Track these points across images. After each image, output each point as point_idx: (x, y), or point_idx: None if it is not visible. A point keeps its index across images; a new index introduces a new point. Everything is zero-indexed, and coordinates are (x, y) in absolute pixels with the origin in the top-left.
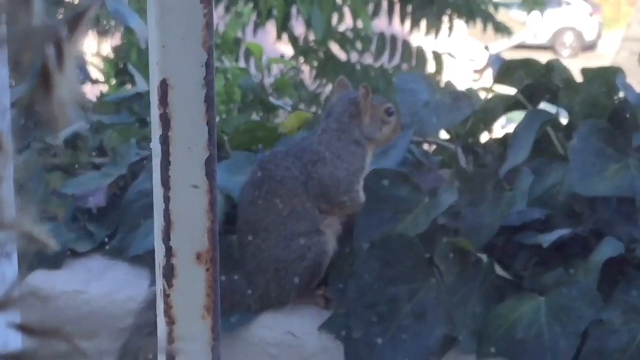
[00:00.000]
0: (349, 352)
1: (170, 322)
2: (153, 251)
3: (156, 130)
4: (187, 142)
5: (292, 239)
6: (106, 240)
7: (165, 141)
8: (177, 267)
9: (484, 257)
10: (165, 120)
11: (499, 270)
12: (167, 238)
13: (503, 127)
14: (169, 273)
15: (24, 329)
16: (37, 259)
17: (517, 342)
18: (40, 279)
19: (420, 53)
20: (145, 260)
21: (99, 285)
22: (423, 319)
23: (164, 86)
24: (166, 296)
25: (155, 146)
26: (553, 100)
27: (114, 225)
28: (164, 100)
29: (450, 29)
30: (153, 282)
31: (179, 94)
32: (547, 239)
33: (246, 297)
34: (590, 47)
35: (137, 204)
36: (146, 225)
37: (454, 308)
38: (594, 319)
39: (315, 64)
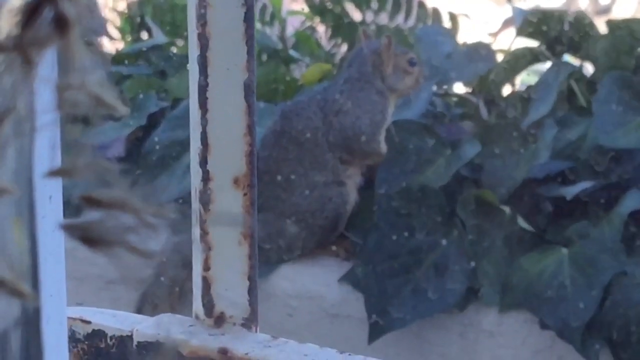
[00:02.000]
0: (369, 303)
1: (206, 248)
2: (172, 201)
3: (193, 51)
4: (226, 63)
5: (312, 189)
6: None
7: (203, 62)
8: (214, 191)
9: (507, 209)
10: (204, 40)
11: (521, 222)
12: (203, 162)
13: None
14: (206, 198)
15: (90, 200)
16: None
17: (539, 294)
18: None
19: (436, 14)
20: None
21: None
22: (444, 271)
23: (202, 4)
24: (202, 221)
25: (193, 67)
26: (577, 53)
27: (133, 176)
28: (202, 19)
29: None
30: (172, 233)
31: (217, 12)
32: (571, 191)
33: (266, 248)
34: (605, 10)
35: (156, 154)
36: (165, 175)
37: (476, 260)
38: (617, 271)
39: (330, 23)
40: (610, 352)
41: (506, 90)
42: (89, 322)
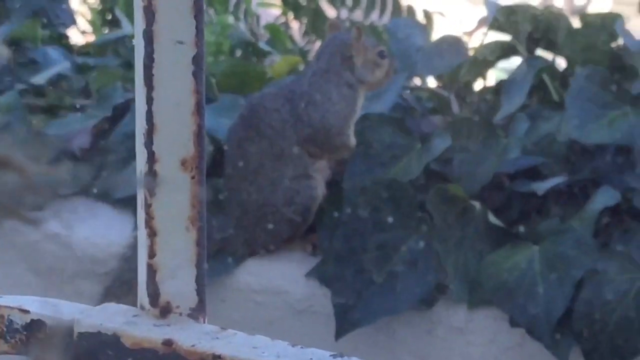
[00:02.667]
0: (336, 299)
1: (152, 233)
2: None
3: (139, 25)
4: (173, 37)
5: (280, 182)
6: (90, 182)
7: (148, 36)
8: (160, 173)
9: (477, 204)
10: (149, 13)
11: (492, 218)
12: (149, 142)
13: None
14: (151, 180)
15: None
16: (18, 200)
17: (510, 291)
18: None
19: (410, 11)
20: (129, 203)
21: (81, 228)
22: (413, 266)
23: None
24: (147, 206)
25: (138, 42)
26: (550, 47)
27: (98, 167)
28: None
29: None
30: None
31: None
32: (542, 187)
33: (232, 242)
34: (580, 10)
35: (122, 145)
36: (131, 168)
37: (446, 256)
38: (588, 268)
39: (305, 20)
40: (580, 350)
41: (478, 84)
42: (27, 312)
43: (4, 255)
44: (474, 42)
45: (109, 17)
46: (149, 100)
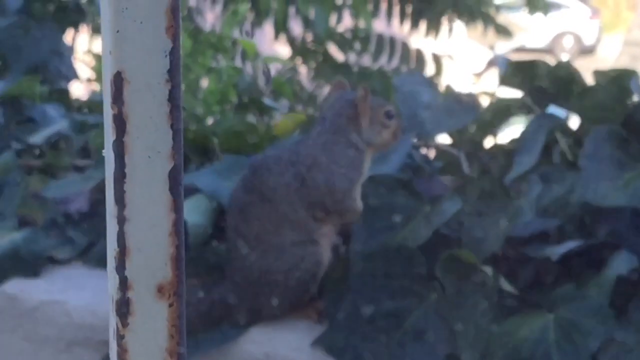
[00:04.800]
0: None
1: None
2: None
3: (109, 135)
4: (147, 150)
5: (284, 248)
6: (87, 247)
7: (119, 148)
8: (134, 301)
9: (489, 270)
10: (120, 122)
11: (504, 285)
12: (121, 266)
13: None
14: (124, 309)
15: None
16: (13, 265)
17: None
18: (17, 287)
19: (420, 55)
20: None
21: (79, 295)
22: (423, 336)
23: (118, 80)
24: (120, 337)
25: (108, 154)
26: (562, 104)
27: (96, 232)
28: (117, 98)
29: (450, 30)
30: None
31: (136, 89)
32: (557, 252)
33: (234, 310)
34: (589, 50)
35: None
36: None
37: (456, 325)
38: (606, 337)
39: (313, 64)
40: None
41: (488, 142)
42: None
43: None
44: (483, 83)
45: None
46: (121, 220)
